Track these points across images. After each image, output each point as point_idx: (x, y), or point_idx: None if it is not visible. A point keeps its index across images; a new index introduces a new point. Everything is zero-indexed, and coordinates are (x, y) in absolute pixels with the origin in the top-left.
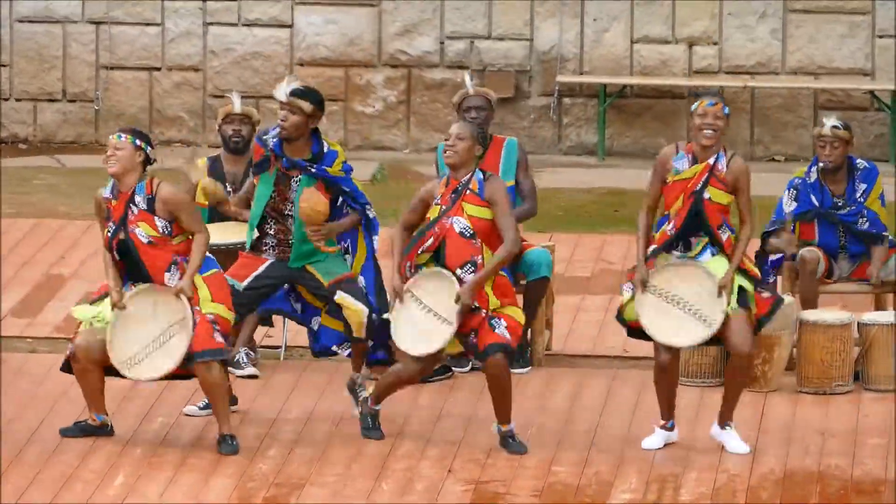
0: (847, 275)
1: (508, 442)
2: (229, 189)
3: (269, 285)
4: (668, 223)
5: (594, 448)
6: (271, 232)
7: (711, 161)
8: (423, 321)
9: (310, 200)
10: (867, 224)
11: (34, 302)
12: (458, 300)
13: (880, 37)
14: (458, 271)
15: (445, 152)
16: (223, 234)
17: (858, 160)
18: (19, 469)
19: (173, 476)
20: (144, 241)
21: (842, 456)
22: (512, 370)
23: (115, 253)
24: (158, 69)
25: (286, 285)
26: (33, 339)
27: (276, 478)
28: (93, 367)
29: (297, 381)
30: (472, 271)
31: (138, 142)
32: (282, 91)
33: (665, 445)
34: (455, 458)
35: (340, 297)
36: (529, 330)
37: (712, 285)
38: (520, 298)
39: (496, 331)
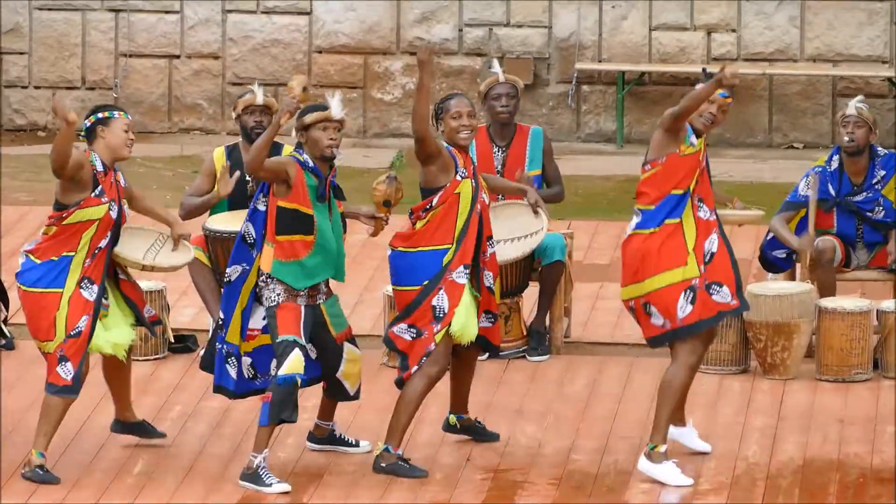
0: (865, 264)
1: (480, 429)
2: (248, 178)
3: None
4: (701, 207)
5: (613, 436)
6: None
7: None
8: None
9: (394, 184)
10: (882, 213)
11: None
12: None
13: None
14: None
15: (461, 133)
16: (238, 221)
17: (880, 148)
18: None
19: (191, 465)
20: (127, 215)
21: (861, 444)
22: (531, 358)
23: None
24: (177, 57)
25: None
26: None
27: (295, 467)
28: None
29: None
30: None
31: None
32: (338, 109)
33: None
34: (473, 447)
35: (350, 350)
36: (548, 317)
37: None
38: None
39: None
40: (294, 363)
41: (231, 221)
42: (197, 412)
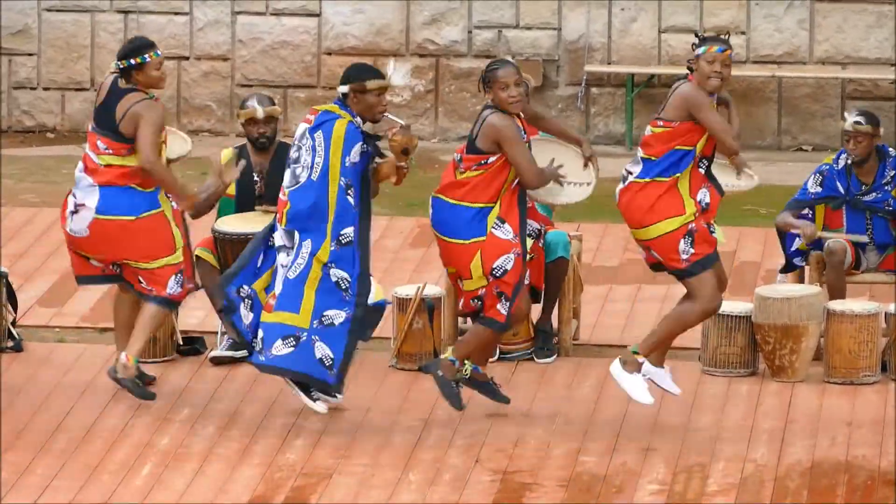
0: (875, 266)
1: (492, 389)
2: (256, 179)
3: None
4: (702, 165)
5: (621, 437)
6: None
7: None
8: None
9: (409, 132)
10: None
11: (61, 291)
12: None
13: None
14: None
15: (511, 103)
16: (247, 223)
17: (891, 149)
18: (46, 459)
19: (200, 466)
20: None
21: (869, 446)
22: (538, 360)
23: None
24: (186, 58)
25: None
26: (60, 329)
27: (304, 468)
28: None
29: None
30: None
31: None
32: (400, 76)
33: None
34: (482, 448)
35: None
36: (556, 318)
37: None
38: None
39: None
40: (375, 291)
41: (240, 223)
42: (205, 414)
